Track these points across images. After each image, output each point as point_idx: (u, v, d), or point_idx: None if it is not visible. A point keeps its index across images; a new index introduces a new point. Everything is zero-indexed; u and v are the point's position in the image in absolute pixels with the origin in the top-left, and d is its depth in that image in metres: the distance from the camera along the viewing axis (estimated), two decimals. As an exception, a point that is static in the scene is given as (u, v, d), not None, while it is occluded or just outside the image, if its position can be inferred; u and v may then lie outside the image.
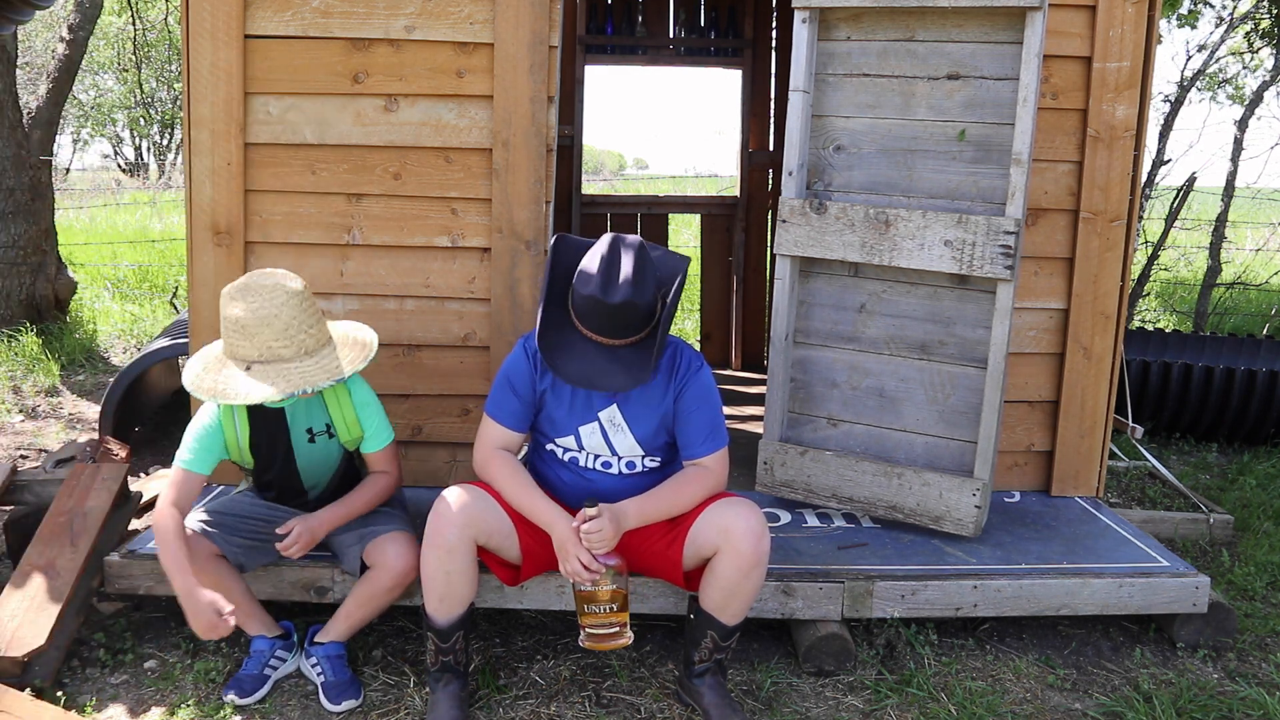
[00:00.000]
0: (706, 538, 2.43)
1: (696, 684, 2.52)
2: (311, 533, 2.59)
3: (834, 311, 3.29)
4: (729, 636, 2.49)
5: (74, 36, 6.73)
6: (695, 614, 2.51)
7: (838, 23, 3.20)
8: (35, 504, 3.30)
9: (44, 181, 6.53)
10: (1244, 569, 3.45)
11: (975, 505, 3.07)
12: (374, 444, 2.73)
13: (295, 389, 2.44)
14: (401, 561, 2.60)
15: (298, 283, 2.55)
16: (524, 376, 2.51)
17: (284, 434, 2.67)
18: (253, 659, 2.62)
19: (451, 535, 2.38)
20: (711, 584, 2.44)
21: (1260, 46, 7.85)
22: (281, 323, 2.47)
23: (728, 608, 2.45)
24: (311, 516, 2.62)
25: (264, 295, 2.47)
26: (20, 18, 5.68)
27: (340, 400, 2.68)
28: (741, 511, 2.41)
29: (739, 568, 2.39)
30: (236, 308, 2.47)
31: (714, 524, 2.42)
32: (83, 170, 25.01)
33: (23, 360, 5.83)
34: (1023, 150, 2.95)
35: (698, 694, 2.52)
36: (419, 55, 3.25)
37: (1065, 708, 2.63)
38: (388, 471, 2.76)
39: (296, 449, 2.69)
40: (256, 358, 2.47)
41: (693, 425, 2.51)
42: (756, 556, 2.39)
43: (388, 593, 2.64)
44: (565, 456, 2.57)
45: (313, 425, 2.67)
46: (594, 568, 2.34)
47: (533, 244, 3.30)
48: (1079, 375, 3.48)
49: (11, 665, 2.48)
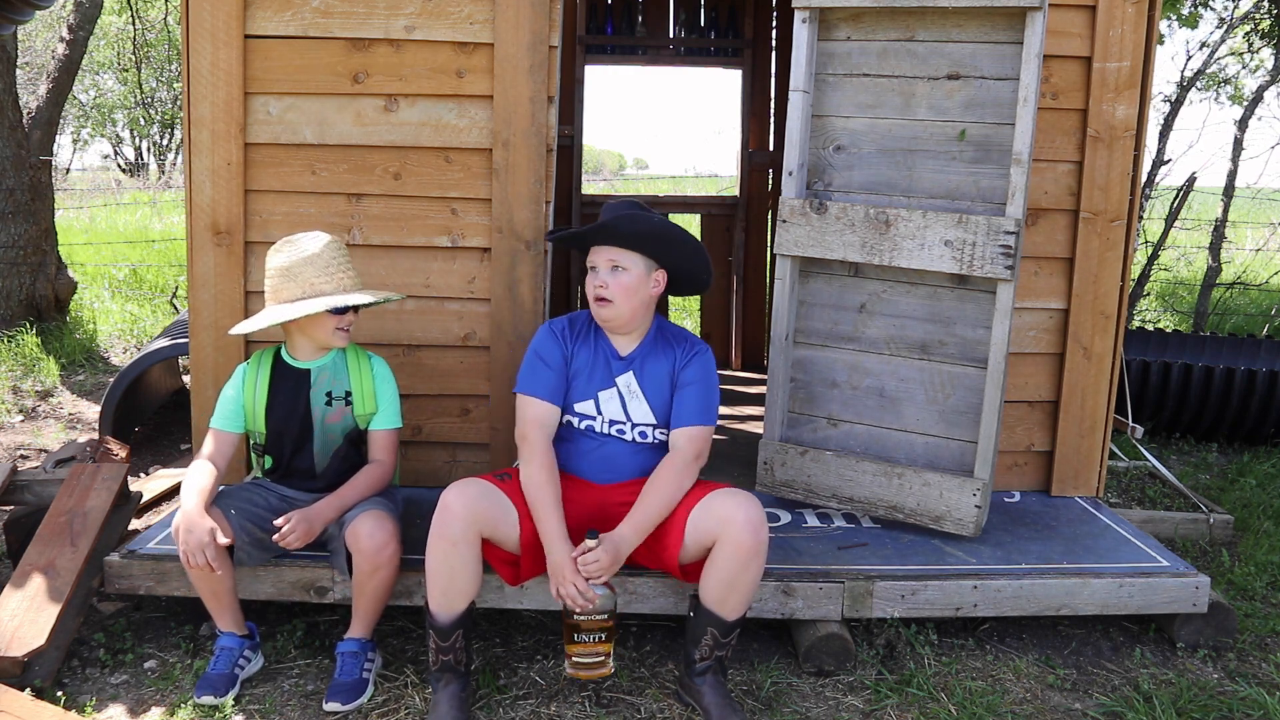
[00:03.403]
0: (706, 526, 2.46)
1: (697, 683, 2.52)
2: (308, 522, 2.60)
3: (834, 311, 3.29)
4: (729, 633, 2.49)
5: (74, 36, 6.74)
6: (695, 611, 2.52)
7: (838, 23, 3.20)
8: (35, 504, 3.30)
9: (44, 181, 6.53)
10: (1244, 569, 3.45)
11: (975, 505, 3.07)
12: (383, 422, 2.80)
13: (343, 302, 2.63)
14: (371, 541, 2.56)
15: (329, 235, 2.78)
16: (553, 348, 2.64)
17: (305, 398, 2.75)
18: (222, 657, 2.61)
19: (456, 528, 2.41)
20: (711, 576, 2.46)
21: (1260, 46, 7.85)
22: (323, 260, 2.67)
23: (727, 601, 2.46)
24: (309, 508, 2.64)
25: (303, 240, 2.70)
26: (20, 18, 5.68)
27: (362, 370, 2.80)
28: (740, 501, 2.44)
29: (738, 557, 2.40)
30: (279, 257, 2.68)
31: (714, 513, 2.45)
32: (83, 170, 25.02)
33: (22, 360, 5.83)
34: (1023, 150, 2.95)
35: (698, 693, 2.52)
36: (419, 55, 3.25)
37: (1065, 708, 2.63)
38: (383, 461, 2.79)
39: (314, 416, 2.76)
40: (300, 295, 2.65)
41: (687, 397, 2.61)
42: (755, 545, 2.41)
43: (370, 576, 2.59)
44: (582, 425, 2.64)
45: (333, 390, 2.77)
46: (589, 595, 2.38)
47: (533, 244, 3.30)
48: (1079, 375, 3.49)
49: (11, 665, 2.48)
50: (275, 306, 2.68)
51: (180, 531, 2.47)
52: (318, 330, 2.71)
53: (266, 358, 2.80)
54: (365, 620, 2.66)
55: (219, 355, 3.32)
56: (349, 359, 2.81)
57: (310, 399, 2.77)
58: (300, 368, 2.78)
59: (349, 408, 2.79)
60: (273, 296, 2.70)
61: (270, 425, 2.77)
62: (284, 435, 2.78)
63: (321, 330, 2.71)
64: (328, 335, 2.72)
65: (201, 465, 2.65)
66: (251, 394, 2.76)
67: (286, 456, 2.80)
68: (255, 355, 2.82)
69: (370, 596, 2.63)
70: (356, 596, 2.65)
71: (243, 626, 2.69)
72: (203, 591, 2.63)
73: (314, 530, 2.61)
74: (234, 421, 2.75)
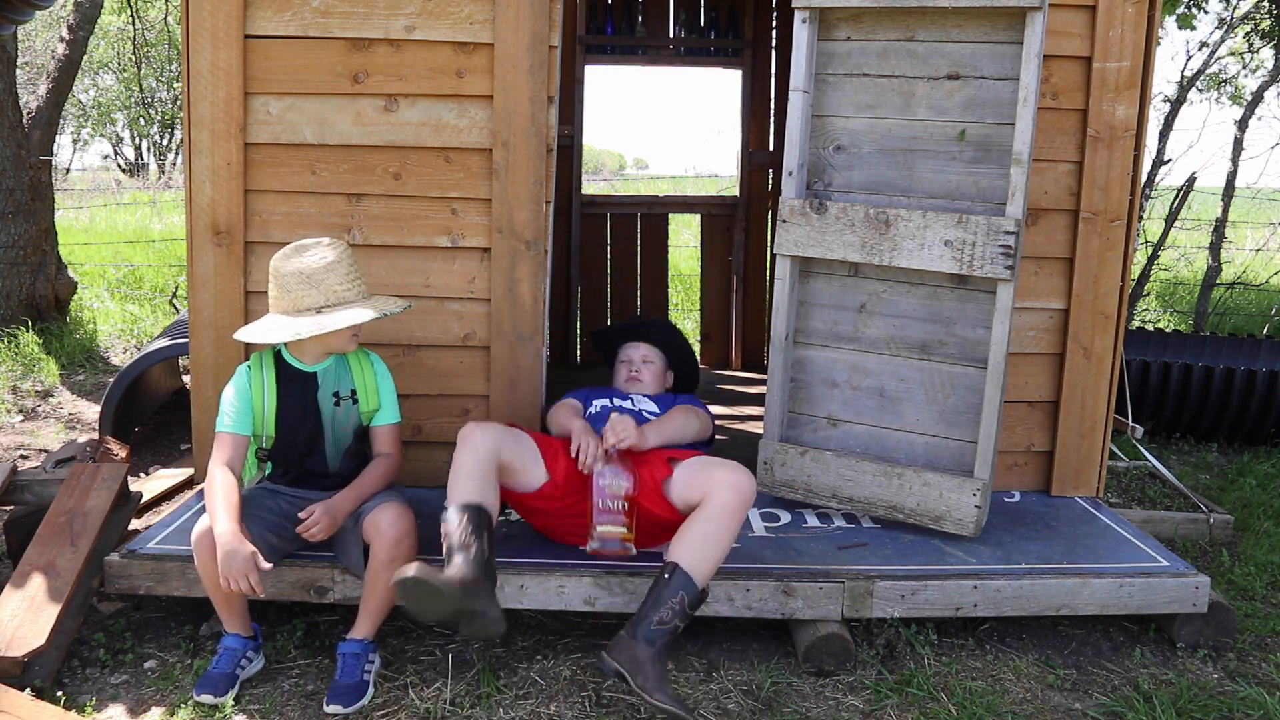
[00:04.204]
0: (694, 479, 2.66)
1: (643, 645, 2.42)
2: (332, 515, 2.63)
3: (834, 311, 3.29)
4: (697, 603, 2.52)
5: (74, 36, 6.73)
6: (671, 573, 2.51)
7: (838, 23, 3.20)
8: (35, 504, 3.30)
9: (44, 181, 6.53)
10: (1244, 569, 3.45)
11: (975, 505, 3.07)
12: (386, 417, 2.87)
13: (385, 310, 2.71)
14: (393, 529, 2.60)
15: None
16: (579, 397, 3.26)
17: (313, 399, 2.77)
18: (224, 657, 2.61)
19: (478, 438, 2.63)
20: (690, 529, 2.56)
21: (1260, 47, 7.85)
22: (344, 268, 2.71)
23: (704, 559, 2.52)
24: (329, 500, 2.66)
25: (323, 247, 2.71)
26: (20, 18, 5.68)
27: (364, 369, 2.86)
28: (731, 465, 2.65)
29: (724, 504, 2.54)
30: (298, 262, 2.68)
31: (704, 470, 2.66)
32: (83, 170, 25.02)
33: (22, 360, 5.83)
34: (1023, 150, 2.95)
35: (637, 655, 2.41)
36: (419, 55, 3.25)
37: (1065, 708, 2.63)
38: (392, 454, 2.86)
39: (324, 417, 2.79)
40: (324, 303, 2.67)
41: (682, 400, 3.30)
42: (740, 498, 2.56)
43: (388, 566, 2.59)
44: (598, 407, 3.17)
45: (339, 390, 2.80)
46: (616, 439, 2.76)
47: (533, 244, 3.30)
48: (1079, 375, 3.49)
49: (11, 665, 2.48)
50: (311, 316, 2.65)
51: (221, 556, 2.44)
52: (336, 337, 2.73)
53: (268, 360, 2.80)
54: (372, 619, 2.66)
55: (219, 355, 3.32)
56: (350, 357, 2.84)
57: (319, 401, 2.78)
58: (306, 371, 2.78)
59: (355, 405, 2.82)
60: (292, 304, 2.68)
61: (280, 428, 2.77)
62: (294, 438, 2.78)
63: (339, 337, 2.73)
64: (344, 342, 2.76)
65: (224, 477, 2.60)
66: (260, 397, 2.75)
67: (297, 460, 2.81)
68: (255, 357, 2.81)
69: (378, 593, 2.63)
70: (368, 592, 2.65)
71: (249, 628, 2.69)
72: (217, 598, 2.62)
73: (337, 522, 2.65)
74: (245, 423, 2.73)
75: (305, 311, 2.66)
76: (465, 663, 2.76)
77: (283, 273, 2.68)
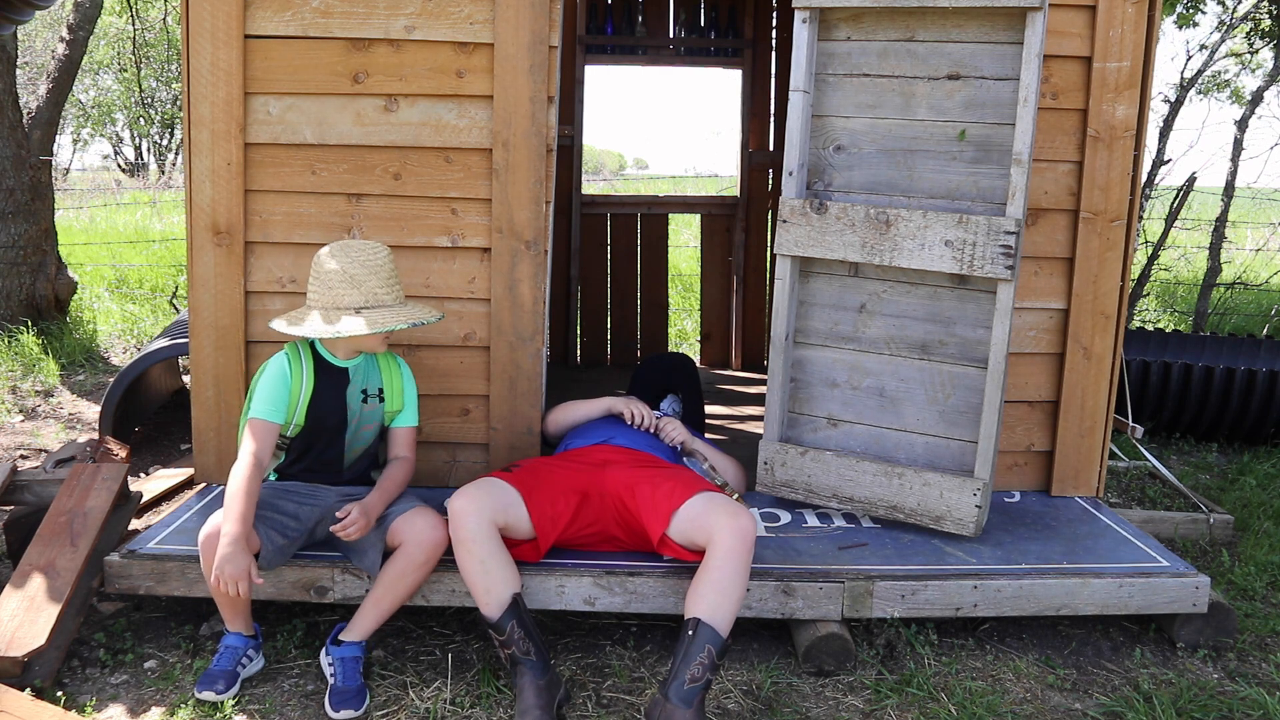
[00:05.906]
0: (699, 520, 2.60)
1: (680, 708, 2.36)
2: (367, 516, 2.65)
3: (834, 311, 3.29)
4: (724, 652, 2.45)
5: (74, 36, 6.73)
6: (695, 630, 2.45)
7: (838, 23, 3.20)
8: (35, 504, 3.30)
9: (44, 181, 6.53)
10: (1244, 569, 3.45)
11: (975, 505, 3.07)
12: (406, 419, 2.93)
13: (420, 319, 2.75)
14: (435, 532, 2.66)
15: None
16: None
17: (344, 394, 2.82)
18: (225, 654, 2.62)
19: (471, 523, 2.55)
20: (703, 580, 2.49)
21: (1260, 47, 7.85)
22: (386, 272, 2.76)
23: (721, 607, 2.45)
24: (365, 501, 2.68)
25: (367, 250, 2.76)
26: (20, 18, 5.68)
27: (392, 369, 2.92)
28: (734, 508, 2.60)
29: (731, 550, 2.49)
30: (340, 261, 2.72)
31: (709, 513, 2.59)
32: (83, 170, 25.03)
33: (22, 360, 5.83)
34: (1023, 150, 2.95)
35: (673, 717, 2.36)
36: (419, 55, 3.25)
37: (1065, 708, 2.63)
38: (409, 457, 2.90)
39: (350, 412, 2.83)
40: (364, 304, 2.72)
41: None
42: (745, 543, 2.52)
43: (421, 567, 2.64)
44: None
45: (368, 387, 2.86)
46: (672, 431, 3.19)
47: (533, 244, 3.30)
48: (1079, 375, 3.49)
49: (11, 665, 2.48)
50: (350, 316, 2.69)
51: (219, 555, 2.45)
52: (370, 338, 2.76)
53: (306, 352, 2.82)
54: (376, 622, 2.67)
55: (219, 355, 3.32)
56: (379, 358, 2.91)
57: (348, 396, 2.83)
58: (340, 366, 2.83)
59: (381, 404, 2.88)
60: (331, 301, 2.71)
61: (310, 418, 2.80)
62: (320, 430, 2.82)
63: (374, 338, 2.77)
64: (376, 342, 2.80)
65: (251, 473, 2.57)
66: (299, 385, 2.78)
67: (316, 452, 2.84)
68: (290, 347, 2.82)
69: (398, 594, 2.66)
70: (383, 594, 2.66)
71: (250, 628, 2.70)
72: (220, 599, 2.62)
73: (371, 523, 2.67)
74: (280, 411, 2.73)
75: (345, 310, 2.70)
76: (465, 663, 2.76)
77: (327, 270, 2.72)
